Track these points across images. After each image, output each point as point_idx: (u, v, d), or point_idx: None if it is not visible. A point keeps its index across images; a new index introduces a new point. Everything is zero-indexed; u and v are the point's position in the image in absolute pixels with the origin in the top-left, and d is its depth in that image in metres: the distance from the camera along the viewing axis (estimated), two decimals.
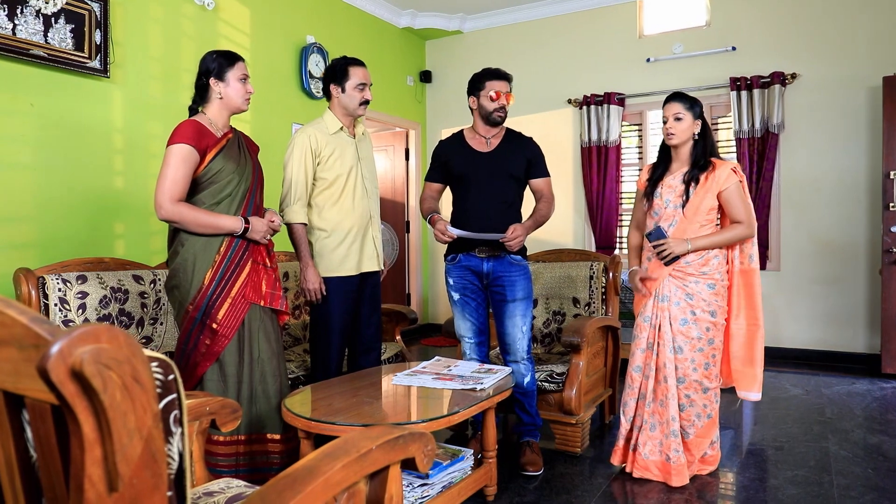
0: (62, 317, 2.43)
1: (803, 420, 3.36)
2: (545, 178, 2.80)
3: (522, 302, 2.69)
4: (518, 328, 2.68)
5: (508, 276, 2.68)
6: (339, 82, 2.71)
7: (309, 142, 2.65)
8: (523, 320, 2.69)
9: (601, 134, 5.47)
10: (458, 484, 2.15)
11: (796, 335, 4.88)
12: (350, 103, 2.72)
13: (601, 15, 5.56)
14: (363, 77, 2.72)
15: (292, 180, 2.64)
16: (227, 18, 4.15)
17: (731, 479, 2.63)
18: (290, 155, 2.67)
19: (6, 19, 2.93)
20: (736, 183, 2.49)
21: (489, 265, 2.71)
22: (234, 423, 1.64)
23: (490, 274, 2.72)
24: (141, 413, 0.79)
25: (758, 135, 4.84)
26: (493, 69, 2.73)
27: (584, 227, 5.69)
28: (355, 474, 1.12)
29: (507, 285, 2.68)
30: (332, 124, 2.74)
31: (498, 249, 2.67)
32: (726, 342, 2.60)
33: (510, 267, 2.69)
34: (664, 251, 2.48)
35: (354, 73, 2.70)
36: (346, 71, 2.70)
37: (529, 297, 2.73)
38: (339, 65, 2.71)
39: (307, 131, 2.68)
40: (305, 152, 2.64)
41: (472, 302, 2.79)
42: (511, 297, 2.68)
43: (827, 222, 4.77)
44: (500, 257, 2.68)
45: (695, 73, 5.16)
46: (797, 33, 4.82)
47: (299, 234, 2.65)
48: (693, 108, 2.52)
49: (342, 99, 2.72)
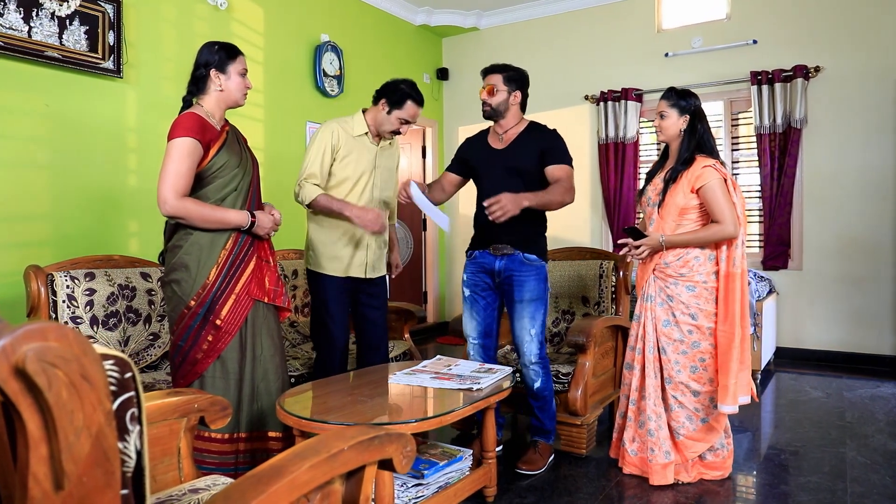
0: (70, 313, 2.48)
1: (821, 424, 3.26)
2: (561, 165, 2.62)
3: (531, 304, 2.62)
4: (525, 330, 2.63)
5: (518, 275, 2.63)
6: (391, 106, 2.69)
7: (331, 137, 2.68)
8: (532, 323, 2.62)
9: (618, 130, 5.39)
10: (456, 484, 2.13)
11: (819, 336, 4.74)
12: (386, 126, 2.73)
13: (618, 9, 5.48)
14: (411, 116, 2.71)
15: (309, 163, 2.67)
16: (240, 18, 4.19)
17: (741, 483, 2.56)
18: (311, 144, 2.72)
19: (22, 22, 2.99)
20: (716, 180, 2.41)
21: (501, 263, 2.67)
22: (223, 421, 1.64)
23: (502, 272, 2.68)
24: (90, 411, 0.79)
25: (779, 130, 4.71)
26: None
27: (602, 225, 5.61)
28: (324, 475, 1.10)
29: (515, 285, 2.64)
30: (358, 127, 2.75)
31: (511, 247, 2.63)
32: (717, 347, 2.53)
33: (521, 266, 2.63)
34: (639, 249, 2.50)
35: (408, 109, 2.69)
36: (404, 102, 2.68)
37: (540, 300, 2.64)
38: (402, 92, 2.68)
39: (332, 126, 2.71)
40: (325, 145, 2.67)
41: (482, 301, 2.76)
42: (518, 297, 2.63)
43: (851, 219, 4.62)
44: (513, 255, 2.64)
45: (714, 68, 5.04)
46: (821, 25, 4.67)
47: (324, 200, 2.62)
48: (678, 103, 2.48)
49: (381, 117, 2.72)
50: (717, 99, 5.08)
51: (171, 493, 1.47)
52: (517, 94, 2.69)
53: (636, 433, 2.56)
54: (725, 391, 2.42)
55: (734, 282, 2.45)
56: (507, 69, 2.69)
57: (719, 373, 2.45)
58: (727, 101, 5.05)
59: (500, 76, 2.67)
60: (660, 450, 2.47)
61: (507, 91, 2.67)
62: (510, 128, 2.72)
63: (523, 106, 2.76)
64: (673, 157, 2.58)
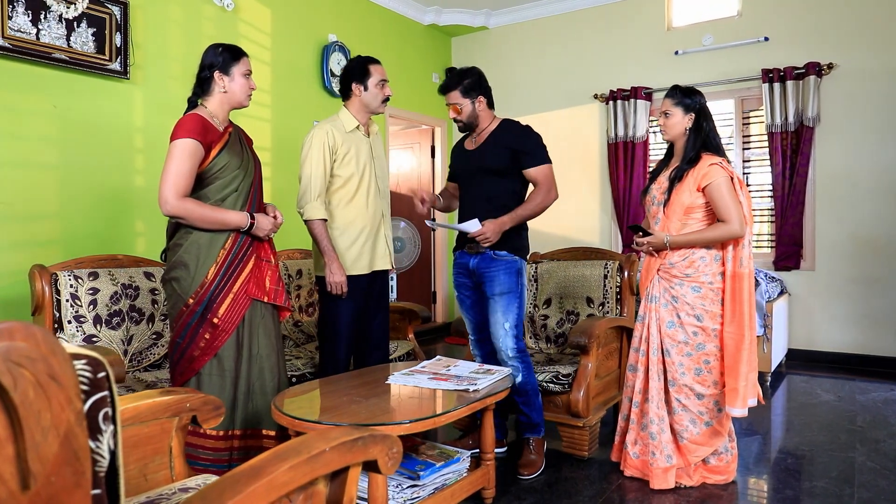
0: (73, 312, 2.51)
1: (831, 427, 3.20)
2: (538, 167, 2.62)
3: (502, 297, 2.61)
4: (500, 325, 2.62)
5: (488, 271, 2.65)
6: (360, 80, 2.72)
7: (326, 138, 2.65)
8: (504, 317, 2.61)
9: (628, 130, 5.34)
10: (452, 486, 2.12)
11: (832, 338, 4.66)
12: (373, 101, 2.74)
13: (628, 7, 5.43)
14: (383, 74, 2.75)
15: (311, 176, 2.63)
16: (247, 19, 4.21)
17: (745, 488, 2.52)
18: (307, 151, 2.66)
19: (30, 24, 3.03)
20: (722, 178, 2.37)
21: (474, 262, 2.70)
22: (216, 421, 1.65)
23: (476, 271, 2.71)
24: (58, 410, 0.79)
25: (791, 128, 4.64)
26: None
27: (611, 225, 5.56)
28: (305, 476, 1.10)
29: (486, 281, 2.66)
30: (348, 122, 2.74)
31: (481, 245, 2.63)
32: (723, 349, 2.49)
33: (491, 262, 2.64)
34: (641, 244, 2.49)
35: (375, 71, 2.73)
36: (367, 69, 2.71)
37: (512, 293, 2.62)
38: (359, 63, 2.73)
39: (324, 128, 2.69)
40: (324, 149, 2.64)
41: (467, 300, 2.81)
42: (490, 292, 2.64)
43: (865, 219, 4.53)
44: (483, 253, 2.65)
45: (725, 66, 4.98)
46: (834, 21, 4.59)
47: (320, 230, 2.63)
48: (683, 101, 2.44)
49: (365, 97, 2.73)
50: (728, 97, 5.01)
51: (161, 491, 1.47)
52: (479, 98, 2.69)
53: (638, 436, 2.53)
54: (735, 394, 2.38)
55: (741, 282, 2.41)
56: (460, 80, 2.68)
57: (728, 375, 2.41)
58: (738, 99, 4.99)
59: (457, 91, 2.67)
60: (661, 453, 2.43)
61: (469, 102, 2.69)
62: (482, 129, 2.75)
63: (491, 104, 2.77)
64: (678, 156, 2.55)
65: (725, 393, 2.44)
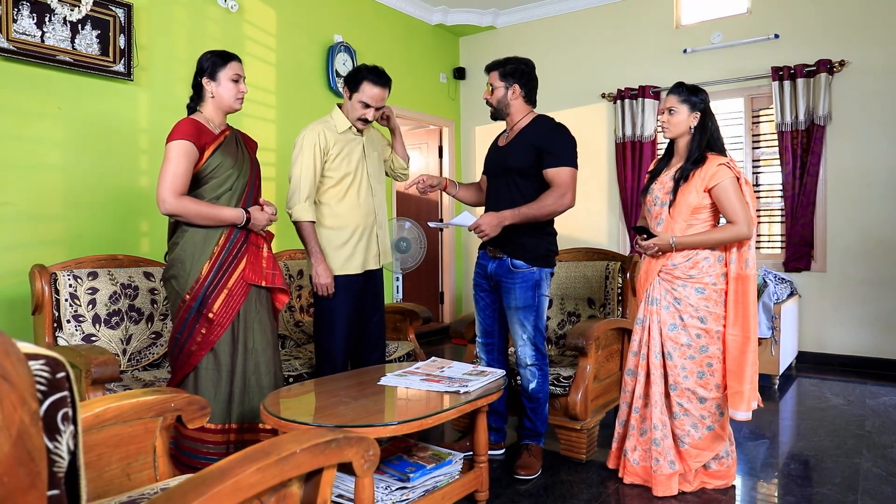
0: (72, 312, 2.53)
1: (839, 432, 3.14)
2: (557, 168, 2.49)
3: (519, 311, 2.58)
4: (518, 335, 2.61)
5: (505, 282, 2.61)
6: (350, 91, 2.72)
7: (318, 139, 2.65)
8: (522, 329, 2.59)
9: (636, 129, 5.28)
10: (444, 488, 2.10)
11: (843, 340, 4.57)
12: (351, 114, 2.74)
13: (636, 5, 5.37)
14: (370, 98, 2.68)
15: (301, 177, 2.64)
16: (251, 20, 4.23)
17: (745, 494, 2.47)
18: (298, 152, 2.66)
19: (35, 27, 3.07)
20: (729, 179, 2.32)
21: (493, 266, 2.66)
22: (201, 420, 1.65)
23: (493, 276, 2.67)
24: (10, 410, 0.79)
25: (802, 127, 4.55)
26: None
27: (619, 225, 5.51)
28: (274, 477, 1.09)
29: (503, 291, 2.63)
30: (340, 123, 2.74)
31: (500, 251, 2.60)
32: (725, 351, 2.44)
33: (508, 273, 2.59)
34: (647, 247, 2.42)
35: (364, 90, 2.67)
36: (360, 84, 2.68)
37: (529, 308, 2.58)
38: (357, 76, 2.70)
39: (316, 129, 2.68)
40: (315, 150, 2.64)
41: (482, 301, 2.77)
42: (507, 304, 2.62)
43: (878, 219, 4.44)
44: (502, 259, 2.61)
45: (734, 64, 4.90)
46: (846, 17, 4.50)
47: (308, 231, 2.64)
48: (689, 99, 2.39)
49: (347, 106, 2.76)
50: (738, 96, 4.94)
51: (144, 491, 1.48)
52: (515, 87, 2.60)
53: (638, 442, 2.48)
54: (740, 397, 2.34)
55: (747, 284, 2.37)
56: (505, 63, 2.62)
57: (732, 378, 2.37)
58: (747, 97, 4.91)
59: (497, 72, 2.62)
60: (664, 459, 2.39)
61: (503, 87, 2.61)
62: (515, 123, 2.66)
63: (530, 99, 2.67)
64: (680, 155, 2.49)
65: (728, 396, 2.39)
